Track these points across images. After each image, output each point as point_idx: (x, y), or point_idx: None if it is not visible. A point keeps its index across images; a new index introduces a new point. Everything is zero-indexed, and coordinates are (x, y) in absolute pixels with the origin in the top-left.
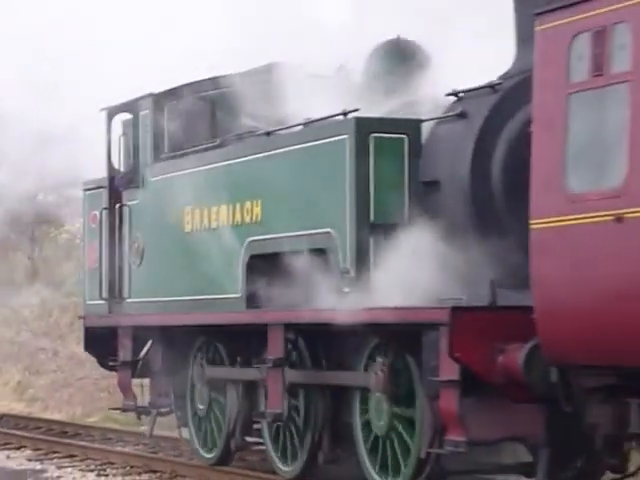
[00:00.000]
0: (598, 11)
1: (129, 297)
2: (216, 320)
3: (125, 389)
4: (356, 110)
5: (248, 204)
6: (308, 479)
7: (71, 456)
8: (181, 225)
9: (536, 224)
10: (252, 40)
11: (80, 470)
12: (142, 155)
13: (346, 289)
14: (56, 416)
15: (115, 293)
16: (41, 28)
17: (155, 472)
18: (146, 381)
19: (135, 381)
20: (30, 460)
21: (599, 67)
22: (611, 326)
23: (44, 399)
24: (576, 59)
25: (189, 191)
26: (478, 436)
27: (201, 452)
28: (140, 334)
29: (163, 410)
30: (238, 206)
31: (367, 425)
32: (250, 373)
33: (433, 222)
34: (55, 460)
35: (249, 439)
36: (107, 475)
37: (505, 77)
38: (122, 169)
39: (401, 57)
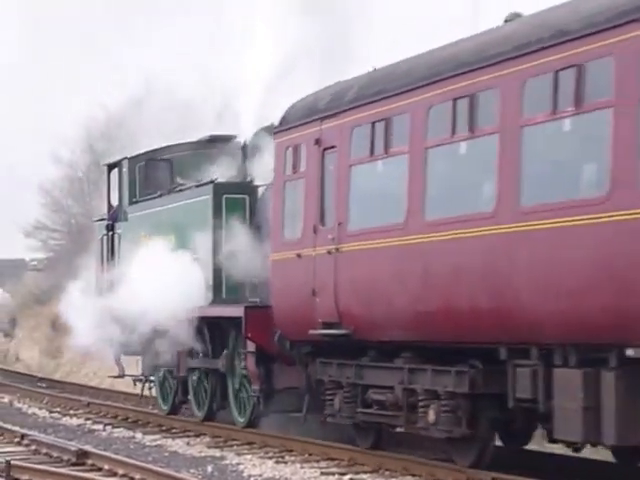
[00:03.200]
0: (296, 135)
1: None
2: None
3: (117, 362)
4: (216, 179)
5: (169, 236)
6: (209, 419)
7: (250, 443)
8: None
9: (272, 256)
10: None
11: (259, 457)
12: (124, 198)
13: (209, 294)
14: None
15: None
16: None
17: (333, 460)
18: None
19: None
20: (210, 447)
21: (295, 167)
22: (297, 317)
23: None
24: (288, 161)
25: (144, 225)
26: (268, 387)
27: (161, 405)
28: None
29: (151, 378)
30: (164, 237)
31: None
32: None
33: (260, 252)
34: (234, 447)
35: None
36: (286, 462)
37: None
38: None
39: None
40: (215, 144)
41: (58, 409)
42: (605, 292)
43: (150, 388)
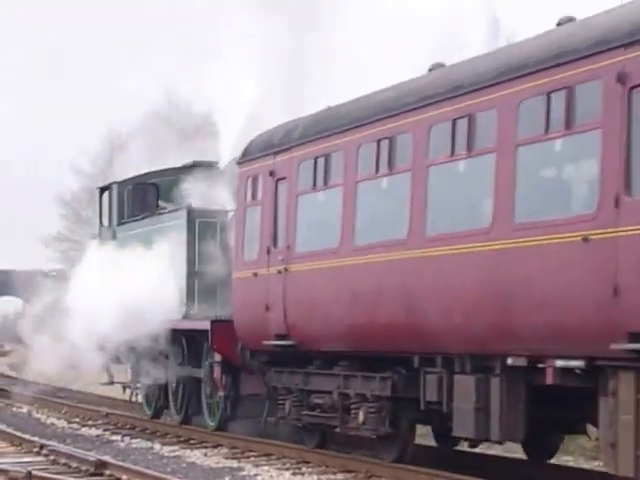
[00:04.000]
0: (255, 166)
1: None
2: None
3: (107, 370)
4: (190, 204)
5: (150, 255)
6: (186, 422)
7: (267, 455)
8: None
9: (234, 275)
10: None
11: (276, 469)
12: (113, 219)
13: (183, 309)
14: None
15: None
16: None
17: (350, 472)
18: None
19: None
20: (227, 458)
21: (254, 195)
22: (253, 329)
23: None
24: (249, 189)
25: (129, 244)
26: (235, 394)
27: (146, 409)
28: None
29: (139, 385)
30: (146, 255)
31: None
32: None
33: (228, 270)
34: (252, 458)
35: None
36: (303, 474)
37: None
38: None
39: None
40: (197, 170)
41: (77, 419)
42: (489, 311)
43: (137, 395)
